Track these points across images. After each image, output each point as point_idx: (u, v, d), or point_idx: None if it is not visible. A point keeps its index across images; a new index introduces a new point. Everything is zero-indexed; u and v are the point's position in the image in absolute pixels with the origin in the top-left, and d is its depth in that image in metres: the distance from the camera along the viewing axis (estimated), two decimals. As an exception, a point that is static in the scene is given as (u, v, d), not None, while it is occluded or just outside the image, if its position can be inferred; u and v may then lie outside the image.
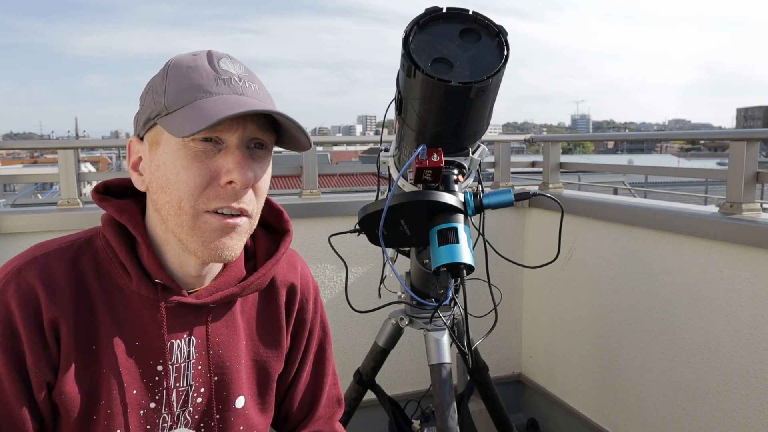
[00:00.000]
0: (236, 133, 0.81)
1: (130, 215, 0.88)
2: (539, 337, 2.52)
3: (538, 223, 2.49)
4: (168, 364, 0.88)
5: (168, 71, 0.84)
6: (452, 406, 1.50)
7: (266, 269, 0.95)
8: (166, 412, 0.89)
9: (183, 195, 0.80)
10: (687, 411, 1.82)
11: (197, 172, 0.80)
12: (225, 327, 0.93)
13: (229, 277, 0.93)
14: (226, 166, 0.80)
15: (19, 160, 25.28)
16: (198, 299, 0.89)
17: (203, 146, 0.80)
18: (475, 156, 1.32)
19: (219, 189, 0.81)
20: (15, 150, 14.74)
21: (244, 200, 0.83)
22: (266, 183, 0.88)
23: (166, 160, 0.81)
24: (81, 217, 1.95)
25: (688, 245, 1.78)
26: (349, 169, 12.89)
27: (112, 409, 0.84)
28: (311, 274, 1.09)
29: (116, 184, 0.94)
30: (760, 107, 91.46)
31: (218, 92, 0.80)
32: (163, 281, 0.87)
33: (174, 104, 0.80)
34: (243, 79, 0.84)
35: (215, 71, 0.82)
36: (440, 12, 1.14)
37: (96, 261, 0.87)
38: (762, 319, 1.58)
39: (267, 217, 1.00)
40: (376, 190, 1.65)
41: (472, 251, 1.18)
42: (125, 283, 0.86)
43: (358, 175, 13.94)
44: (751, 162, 1.67)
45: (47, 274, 0.83)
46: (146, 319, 0.87)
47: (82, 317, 0.84)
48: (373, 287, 1.72)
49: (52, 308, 0.81)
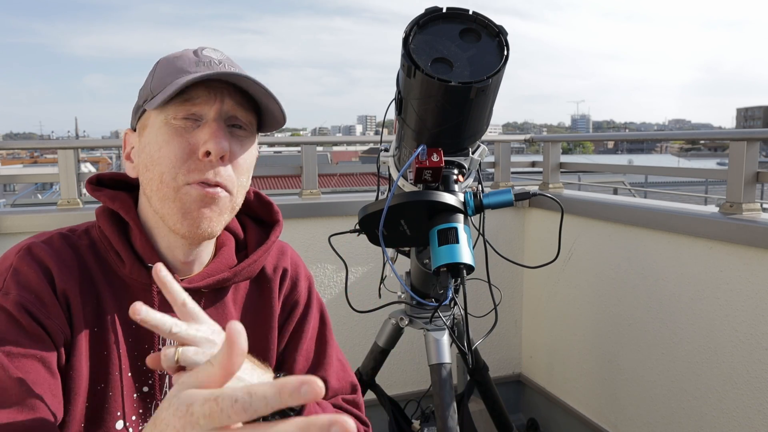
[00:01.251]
0: (213, 107, 0.84)
1: (122, 202, 0.90)
2: (539, 337, 2.52)
3: (538, 223, 2.49)
4: (161, 348, 0.88)
5: (157, 65, 0.90)
6: (452, 406, 1.50)
7: (257, 255, 0.97)
8: (159, 397, 0.89)
9: (164, 168, 0.83)
10: (687, 411, 1.82)
11: (177, 146, 0.83)
12: (216, 314, 0.94)
13: (221, 263, 0.95)
14: (203, 137, 0.83)
15: (19, 160, 25.29)
16: (190, 284, 0.90)
17: (183, 123, 0.84)
18: (475, 156, 1.32)
19: (198, 162, 0.83)
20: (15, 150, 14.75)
21: (222, 174, 0.85)
22: (246, 161, 0.89)
23: (150, 140, 0.85)
24: (81, 217, 1.95)
25: (688, 245, 1.78)
26: (349, 169, 12.89)
27: (114, 391, 0.85)
28: (304, 265, 1.09)
29: (109, 177, 0.97)
30: (760, 107, 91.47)
31: (196, 71, 0.84)
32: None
33: (157, 88, 0.85)
34: (223, 63, 0.88)
35: (197, 57, 0.87)
36: (440, 12, 1.14)
37: (93, 250, 0.89)
38: (762, 319, 1.58)
39: (257, 210, 1.03)
40: (376, 190, 1.65)
41: (472, 251, 1.18)
42: (120, 269, 0.88)
43: (358, 175, 13.95)
44: (751, 162, 1.67)
45: (56, 253, 0.85)
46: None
47: (87, 298, 0.85)
48: (373, 287, 1.72)
49: (63, 282, 0.83)
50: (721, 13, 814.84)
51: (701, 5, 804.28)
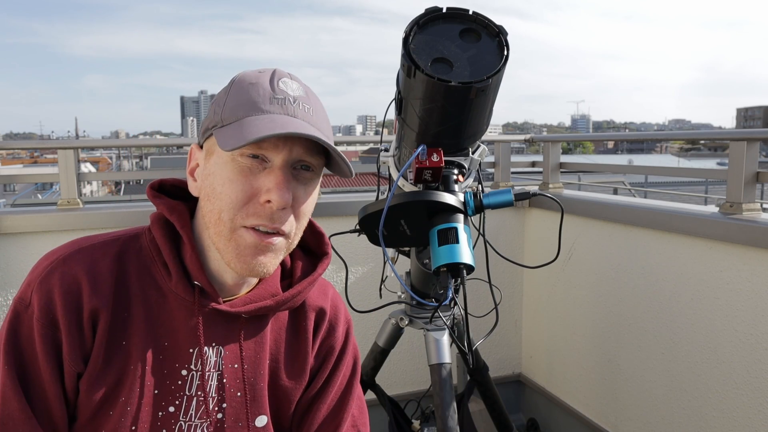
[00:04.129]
0: (282, 153, 0.82)
1: (179, 215, 0.89)
2: (539, 337, 2.52)
3: (538, 223, 2.49)
4: (193, 370, 0.88)
5: (232, 85, 0.86)
6: (452, 406, 1.50)
7: (302, 287, 0.95)
8: (184, 419, 0.89)
9: (224, 206, 0.82)
10: (687, 411, 1.82)
11: (239, 187, 0.82)
12: (254, 343, 0.93)
13: (264, 291, 0.94)
14: (267, 185, 0.82)
15: (19, 160, 25.29)
16: (232, 308, 0.89)
17: (250, 162, 0.82)
18: (475, 156, 1.32)
19: (258, 206, 0.82)
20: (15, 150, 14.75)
21: (281, 221, 0.84)
22: (309, 206, 0.88)
23: (215, 170, 0.84)
24: (81, 217, 1.95)
25: (688, 245, 1.78)
26: (349, 169, 12.85)
27: (131, 405, 0.85)
28: (345, 307, 1.08)
29: (171, 183, 0.96)
30: (760, 107, 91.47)
31: (269, 111, 0.82)
32: (202, 284, 0.88)
33: (229, 118, 0.83)
34: (298, 101, 0.85)
35: (272, 90, 0.84)
36: (440, 12, 1.14)
37: (139, 257, 0.88)
38: (762, 319, 1.58)
39: (307, 238, 0.99)
40: (376, 190, 1.65)
41: (472, 251, 1.18)
42: (164, 281, 0.87)
43: (358, 175, 13.94)
44: (751, 162, 1.67)
45: (91, 265, 0.85)
46: (179, 321, 0.88)
47: (118, 312, 0.85)
48: (373, 287, 1.72)
49: (93, 299, 0.83)
50: (721, 13, 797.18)
51: (701, 5, 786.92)
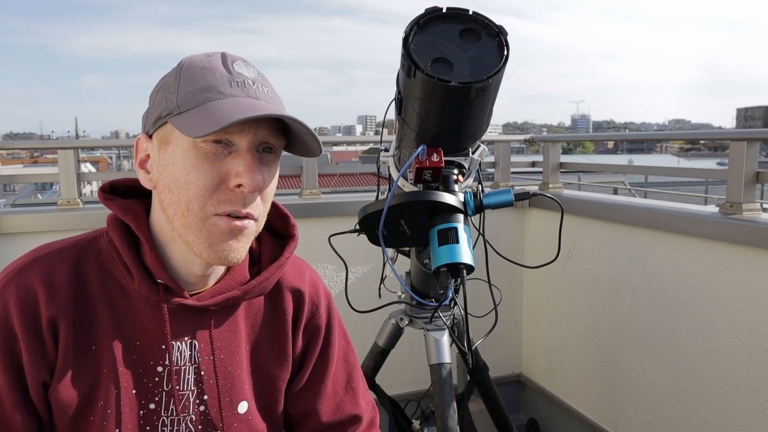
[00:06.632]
0: (248, 136, 0.80)
1: (134, 215, 0.88)
2: (539, 337, 2.52)
3: (538, 223, 2.49)
4: (168, 366, 0.88)
5: (181, 70, 0.83)
6: (452, 406, 1.50)
7: (269, 273, 0.95)
8: (166, 415, 0.88)
9: (192, 196, 0.80)
10: (687, 411, 1.82)
11: (207, 174, 0.80)
12: (227, 331, 0.93)
13: (232, 280, 0.93)
14: (236, 169, 0.80)
15: (19, 160, 25.28)
16: (199, 301, 0.89)
17: (214, 148, 0.80)
18: (475, 156, 1.32)
19: (228, 192, 0.81)
20: (15, 150, 14.75)
21: (251, 205, 0.83)
22: (273, 188, 0.88)
23: (175, 160, 0.81)
24: (81, 217, 1.95)
25: (688, 245, 1.78)
26: (349, 169, 12.90)
27: (110, 407, 0.84)
28: (323, 282, 1.07)
29: (123, 183, 0.94)
30: (760, 107, 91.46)
31: (232, 94, 0.80)
32: (165, 281, 0.87)
33: (186, 104, 0.80)
34: (257, 83, 0.84)
35: (229, 73, 0.82)
36: (440, 12, 1.14)
37: (99, 261, 0.87)
38: (762, 319, 1.58)
39: (273, 221, 0.99)
40: (376, 190, 1.65)
41: (472, 251, 1.18)
42: (127, 283, 0.86)
43: (358, 175, 13.94)
44: (751, 162, 1.67)
45: (48, 274, 0.83)
46: (147, 319, 0.87)
47: (82, 317, 0.84)
48: (373, 287, 1.72)
49: (51, 307, 0.82)
50: (721, 13, 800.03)
51: (700, 5, 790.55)
